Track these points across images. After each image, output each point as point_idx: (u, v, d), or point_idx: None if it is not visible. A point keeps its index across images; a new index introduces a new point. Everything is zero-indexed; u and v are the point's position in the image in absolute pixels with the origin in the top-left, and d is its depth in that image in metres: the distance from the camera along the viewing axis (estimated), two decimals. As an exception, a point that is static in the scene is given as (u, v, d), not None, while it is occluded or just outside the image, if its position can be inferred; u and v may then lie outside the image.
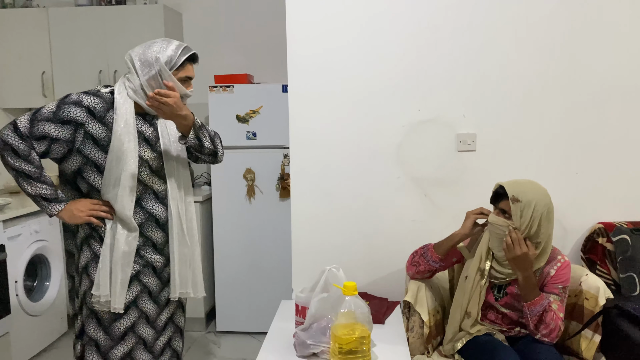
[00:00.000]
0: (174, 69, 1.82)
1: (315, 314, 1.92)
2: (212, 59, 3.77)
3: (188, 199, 1.98)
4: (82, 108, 1.75)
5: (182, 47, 1.84)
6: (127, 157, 1.77)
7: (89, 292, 1.81)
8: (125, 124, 1.77)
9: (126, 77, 1.85)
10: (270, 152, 3.27)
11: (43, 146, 1.76)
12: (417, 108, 2.36)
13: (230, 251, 3.39)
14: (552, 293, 1.85)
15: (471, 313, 1.92)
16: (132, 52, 1.84)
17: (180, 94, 1.83)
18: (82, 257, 1.85)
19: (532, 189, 1.85)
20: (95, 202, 1.82)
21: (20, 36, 3.58)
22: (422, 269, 2.01)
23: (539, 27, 2.30)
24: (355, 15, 2.34)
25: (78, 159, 1.79)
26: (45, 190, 1.79)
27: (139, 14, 3.51)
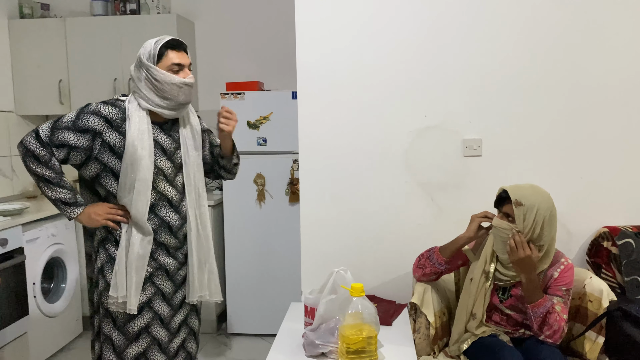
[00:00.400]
0: (157, 62, 1.85)
1: (323, 314, 1.95)
2: (224, 66, 3.85)
3: (202, 203, 2.03)
4: (99, 117, 1.83)
5: (157, 39, 1.88)
6: (141, 164, 1.83)
7: (105, 292, 1.88)
8: (138, 132, 1.83)
9: (133, 88, 1.92)
10: (280, 157, 3.33)
11: (63, 153, 1.84)
12: (424, 114, 2.40)
13: (241, 255, 3.45)
14: (555, 295, 1.88)
15: (476, 314, 1.96)
16: (131, 65, 1.93)
17: (175, 84, 1.84)
18: (99, 259, 1.92)
19: (535, 192, 1.88)
20: (112, 207, 1.89)
21: (39, 45, 3.67)
22: (428, 271, 2.06)
23: (543, 33, 2.33)
24: (362, 24, 2.38)
25: (96, 165, 1.87)
26: (64, 194, 1.86)
27: (153, 23, 3.59)
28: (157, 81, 1.84)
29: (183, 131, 1.98)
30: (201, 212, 2.01)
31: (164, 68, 1.85)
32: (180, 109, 1.93)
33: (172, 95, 1.87)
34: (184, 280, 2.02)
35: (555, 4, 2.32)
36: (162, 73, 1.84)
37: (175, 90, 1.86)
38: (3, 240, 2.66)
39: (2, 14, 3.63)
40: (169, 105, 1.89)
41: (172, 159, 1.94)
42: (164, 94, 1.86)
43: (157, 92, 1.86)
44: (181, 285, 2.02)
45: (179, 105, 1.91)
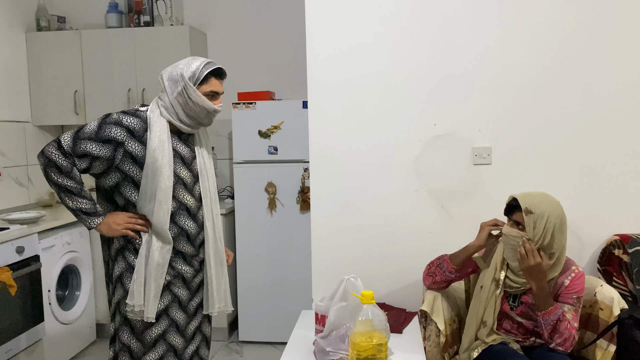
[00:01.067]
0: (198, 84, 1.89)
1: (334, 322, 1.96)
2: (235, 76, 3.88)
3: (217, 212, 2.07)
4: (122, 128, 1.84)
5: (206, 62, 1.92)
6: (162, 173, 1.85)
7: (123, 301, 1.90)
8: (159, 141, 1.86)
9: (159, 96, 1.95)
10: (291, 166, 3.36)
11: (85, 163, 1.85)
12: (434, 122, 2.41)
13: (253, 263, 3.47)
14: (566, 303, 1.87)
15: (487, 322, 1.95)
16: (163, 71, 1.94)
17: (207, 109, 1.91)
18: (117, 267, 1.94)
19: (545, 200, 1.89)
20: (132, 216, 1.91)
21: (55, 57, 3.73)
22: (438, 279, 2.06)
23: (554, 41, 2.33)
24: (372, 33, 2.40)
25: (117, 175, 1.88)
26: (85, 204, 1.88)
27: (166, 34, 3.65)
28: (191, 101, 1.88)
29: (199, 142, 2.03)
30: (217, 221, 2.05)
31: (202, 92, 1.90)
32: (199, 128, 2.01)
33: (199, 118, 1.94)
34: (198, 287, 2.04)
35: (567, 11, 2.32)
36: (199, 96, 1.89)
37: (203, 114, 1.93)
38: (20, 247, 2.71)
39: (20, 27, 3.71)
40: (191, 123, 1.95)
41: (190, 168, 1.97)
42: (192, 114, 1.92)
43: (185, 110, 1.90)
44: (196, 292, 2.04)
45: (200, 125, 1.99)
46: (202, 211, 1.99)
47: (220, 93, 1.97)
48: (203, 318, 2.09)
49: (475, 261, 2.06)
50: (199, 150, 2.01)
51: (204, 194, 1.99)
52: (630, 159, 2.36)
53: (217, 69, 1.94)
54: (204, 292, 2.04)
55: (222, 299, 2.06)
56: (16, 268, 2.68)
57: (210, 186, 2.03)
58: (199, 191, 1.98)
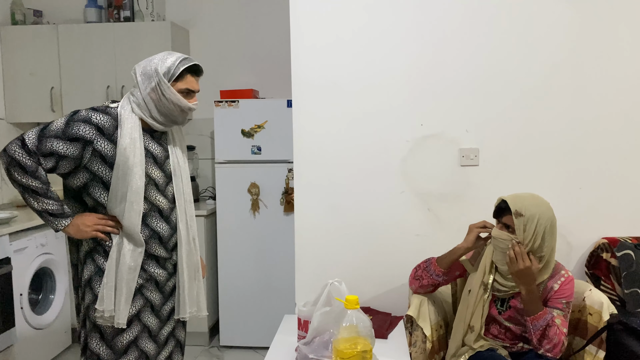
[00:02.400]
0: (173, 80, 1.81)
1: (317, 327, 1.91)
2: (218, 74, 3.82)
3: (192, 214, 1.99)
4: (91, 126, 1.76)
5: (182, 58, 1.84)
6: (133, 173, 1.78)
7: (92, 306, 1.82)
8: (130, 139, 1.78)
9: (131, 92, 1.87)
10: (275, 166, 3.29)
11: (50, 162, 1.76)
12: (420, 123, 2.37)
13: (235, 265, 3.40)
14: (555, 308, 1.84)
15: (474, 327, 1.91)
16: (137, 65, 1.86)
17: (181, 107, 1.84)
18: (86, 270, 1.86)
19: (535, 203, 1.85)
20: (102, 217, 1.83)
21: (31, 52, 3.63)
22: (425, 282, 2.01)
23: (543, 41, 2.31)
24: (359, 31, 2.36)
25: (85, 175, 1.80)
26: (51, 205, 1.78)
27: (147, 30, 3.56)
28: (165, 98, 1.81)
29: (172, 141, 1.95)
30: (190, 224, 1.97)
31: (176, 89, 1.83)
32: (172, 126, 1.93)
33: (173, 116, 1.86)
34: (172, 291, 1.97)
35: (556, 11, 2.30)
36: (174, 93, 1.81)
37: (177, 112, 1.85)
38: (-10, 250, 2.61)
39: (-7, 21, 3.59)
40: (164, 121, 1.87)
41: (163, 168, 1.90)
42: (165, 111, 1.84)
43: (158, 107, 1.83)
44: (169, 296, 1.97)
45: (174, 124, 1.91)
46: (175, 213, 1.92)
47: (195, 91, 1.90)
48: (177, 323, 2.02)
49: (462, 264, 2.01)
50: (173, 149, 1.94)
51: (177, 195, 1.92)
52: (619, 162, 2.35)
53: (194, 66, 1.87)
54: (176, 296, 1.97)
55: (194, 303, 1.98)
56: (-15, 271, 2.57)
57: (184, 187, 1.95)
58: (172, 192, 1.91)
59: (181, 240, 1.92)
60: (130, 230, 1.80)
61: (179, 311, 1.96)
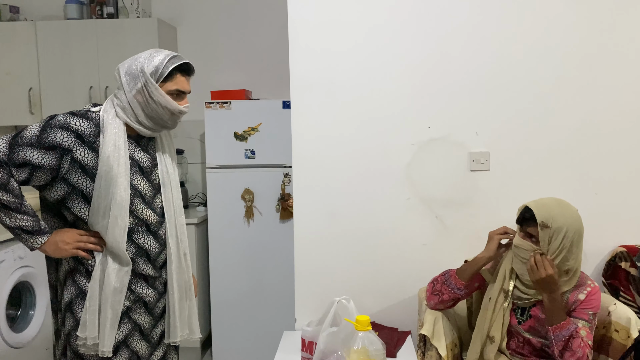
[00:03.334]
0: (161, 81, 1.64)
1: (324, 350, 1.78)
2: (208, 74, 3.66)
3: (183, 230, 1.83)
4: (69, 132, 1.58)
5: (171, 56, 1.67)
6: (117, 184, 1.60)
7: (74, 332, 1.64)
8: (114, 147, 1.61)
9: (114, 94, 1.69)
10: (270, 171, 3.14)
11: (24, 174, 1.57)
12: (427, 125, 2.26)
13: (228, 277, 3.23)
14: (581, 319, 1.74)
15: (494, 337, 1.80)
16: (121, 65, 1.68)
17: (171, 110, 1.67)
18: (66, 292, 1.68)
19: (562, 213, 1.74)
20: (83, 233, 1.65)
21: (7, 51, 3.44)
22: (446, 297, 1.88)
23: (556, 42, 2.21)
24: (361, 29, 2.23)
25: (62, 187, 1.62)
26: (26, 221, 1.60)
27: (132, 27, 3.39)
28: (152, 100, 1.63)
29: (161, 147, 1.78)
30: (181, 239, 1.80)
31: (165, 90, 1.65)
32: (161, 131, 1.75)
33: (162, 120, 1.69)
34: (163, 313, 1.80)
35: (568, 12, 2.20)
36: (162, 95, 1.64)
37: (166, 115, 1.68)
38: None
39: (-33, 17, 3.39)
40: (152, 126, 1.69)
41: (150, 179, 1.73)
42: (153, 115, 1.66)
43: (145, 110, 1.65)
44: (160, 318, 1.80)
45: (163, 128, 1.74)
46: (165, 227, 1.74)
47: (186, 92, 1.72)
48: (168, 347, 1.84)
49: (481, 274, 1.90)
50: (161, 156, 1.77)
51: (166, 207, 1.75)
52: (636, 166, 2.24)
53: (184, 65, 1.69)
54: (166, 318, 1.80)
55: (185, 325, 1.81)
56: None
57: (174, 198, 1.78)
58: (161, 204, 1.74)
59: (171, 257, 1.75)
60: (114, 247, 1.63)
61: (170, 335, 1.78)
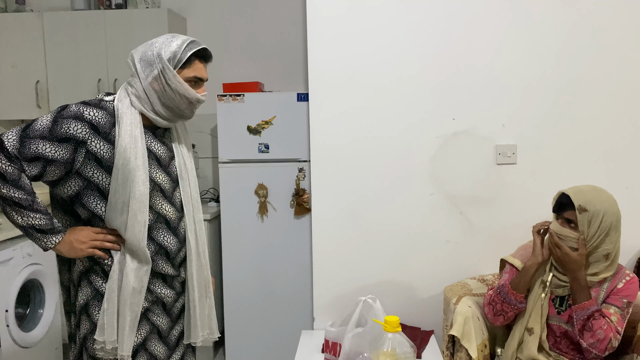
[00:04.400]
0: (179, 67, 1.55)
1: (349, 351, 1.72)
2: (220, 66, 3.55)
3: (201, 225, 1.75)
4: (83, 123, 1.49)
5: (189, 41, 1.58)
6: (136, 178, 1.52)
7: (91, 336, 1.56)
8: (130, 138, 1.52)
9: (128, 82, 1.60)
10: (285, 166, 3.05)
11: (36, 169, 1.48)
12: (452, 117, 2.19)
13: (241, 274, 3.14)
14: (614, 305, 1.70)
15: (534, 329, 1.76)
16: (134, 51, 1.59)
17: (189, 99, 1.58)
18: (81, 294, 1.59)
19: (599, 197, 1.71)
20: (99, 231, 1.56)
21: (13, 43, 3.36)
22: (511, 314, 1.81)
23: (584, 30, 2.13)
24: (382, 17, 2.16)
25: (77, 182, 1.53)
26: (38, 220, 1.51)
27: (141, 18, 3.30)
28: (170, 88, 1.55)
29: (177, 138, 1.69)
30: (200, 234, 1.72)
31: (183, 77, 1.56)
32: (177, 121, 1.67)
33: (179, 109, 1.60)
34: (180, 313, 1.72)
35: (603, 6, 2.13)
36: (180, 82, 1.55)
37: (184, 104, 1.59)
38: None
39: (-29, 8, 3.30)
40: (169, 116, 1.61)
41: (168, 171, 1.64)
42: (170, 104, 1.58)
43: (162, 99, 1.57)
44: (178, 319, 1.72)
45: (180, 118, 1.65)
46: (184, 223, 1.66)
47: (204, 80, 1.64)
48: (186, 348, 1.76)
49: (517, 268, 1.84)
50: (178, 148, 1.68)
51: (185, 201, 1.66)
52: (671, 159, 2.15)
53: (202, 50, 1.60)
54: (185, 318, 1.72)
55: (205, 325, 1.73)
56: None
57: (192, 192, 1.70)
58: (180, 198, 1.65)
59: (191, 254, 1.67)
60: (134, 245, 1.54)
61: (190, 335, 1.71)
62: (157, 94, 1.56)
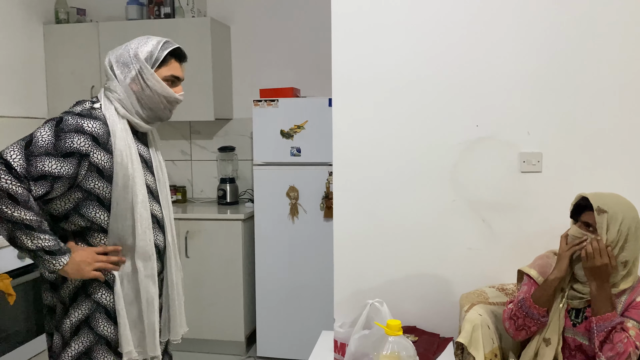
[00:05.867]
0: (156, 66, 1.59)
1: (354, 353, 1.74)
2: (259, 72, 3.69)
3: (172, 215, 1.81)
4: (85, 136, 1.49)
5: (164, 41, 1.64)
6: (135, 183, 1.57)
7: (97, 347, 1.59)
8: (125, 144, 1.56)
9: (106, 87, 1.61)
10: (315, 169, 3.12)
11: (43, 188, 1.45)
12: (475, 124, 2.15)
13: (272, 272, 3.25)
14: (632, 318, 1.63)
15: (550, 340, 1.72)
16: (110, 53, 1.63)
17: (167, 98, 1.63)
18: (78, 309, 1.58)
19: (618, 201, 1.68)
20: (101, 251, 1.56)
21: (73, 51, 3.61)
22: (535, 329, 1.76)
23: (613, 35, 2.05)
24: (405, 21, 2.16)
25: (77, 195, 1.52)
26: (47, 241, 1.46)
27: (186, 27, 3.47)
28: (148, 88, 1.58)
29: (153, 142, 1.75)
30: (173, 230, 1.79)
31: (160, 76, 1.61)
32: (155, 123, 1.71)
33: (158, 109, 1.64)
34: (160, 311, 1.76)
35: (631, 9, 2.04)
36: (158, 81, 1.59)
37: (162, 104, 1.64)
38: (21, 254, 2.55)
39: (38, 20, 3.59)
40: (148, 117, 1.65)
41: (152, 172, 1.71)
42: (149, 104, 1.62)
43: (140, 100, 1.60)
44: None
45: (158, 120, 1.70)
46: (163, 222, 1.73)
47: (181, 79, 1.68)
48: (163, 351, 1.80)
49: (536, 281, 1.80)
50: (154, 151, 1.74)
51: (162, 197, 1.73)
52: None
53: (177, 49, 1.66)
54: (163, 316, 1.75)
55: (184, 322, 1.80)
56: (17, 275, 2.52)
57: (167, 191, 1.77)
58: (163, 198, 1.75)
59: (170, 251, 1.74)
60: (144, 250, 1.60)
61: (169, 332, 1.77)
62: (135, 95, 1.59)
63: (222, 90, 3.58)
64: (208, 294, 3.31)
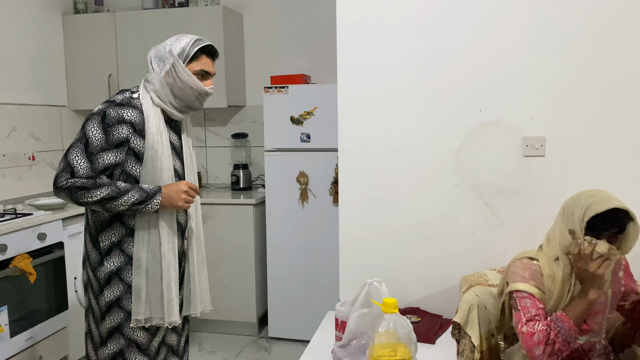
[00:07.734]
0: (188, 61, 1.76)
1: (354, 330, 1.80)
2: (272, 60, 3.73)
3: (199, 204, 1.99)
4: (127, 125, 1.70)
5: (196, 39, 1.80)
6: (163, 167, 1.75)
7: (126, 296, 1.78)
8: (157, 131, 1.74)
9: (145, 79, 1.81)
10: (325, 155, 3.16)
11: (106, 174, 1.72)
12: (479, 108, 2.17)
13: (283, 256, 3.32)
14: None
15: None
16: (152, 49, 1.82)
17: (197, 90, 1.78)
18: (112, 261, 1.79)
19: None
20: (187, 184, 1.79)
21: (90, 40, 3.70)
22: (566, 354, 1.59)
23: (619, 21, 2.03)
24: (410, 8, 2.18)
25: (118, 176, 1.76)
26: (133, 197, 1.70)
27: (199, 15, 3.52)
28: (180, 80, 1.75)
29: (185, 130, 1.92)
30: (198, 210, 1.96)
31: (191, 70, 1.77)
32: (189, 113, 1.88)
33: (189, 100, 1.81)
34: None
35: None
36: (189, 75, 1.76)
37: (193, 96, 1.80)
38: (42, 234, 2.66)
39: (57, 10, 3.69)
40: (181, 107, 1.82)
41: (181, 158, 1.88)
42: (181, 96, 1.79)
43: (173, 91, 1.78)
44: None
45: (189, 110, 1.86)
46: None
47: (211, 73, 1.83)
48: (167, 330, 1.91)
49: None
50: (186, 139, 1.91)
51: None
52: None
53: (209, 47, 1.81)
54: (185, 290, 1.91)
55: (205, 297, 1.95)
56: (37, 255, 2.63)
57: (194, 177, 1.95)
58: None
59: (192, 228, 1.90)
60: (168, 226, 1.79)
61: (189, 307, 1.92)
62: (169, 86, 1.76)
63: (235, 78, 3.63)
64: (222, 276, 3.40)
